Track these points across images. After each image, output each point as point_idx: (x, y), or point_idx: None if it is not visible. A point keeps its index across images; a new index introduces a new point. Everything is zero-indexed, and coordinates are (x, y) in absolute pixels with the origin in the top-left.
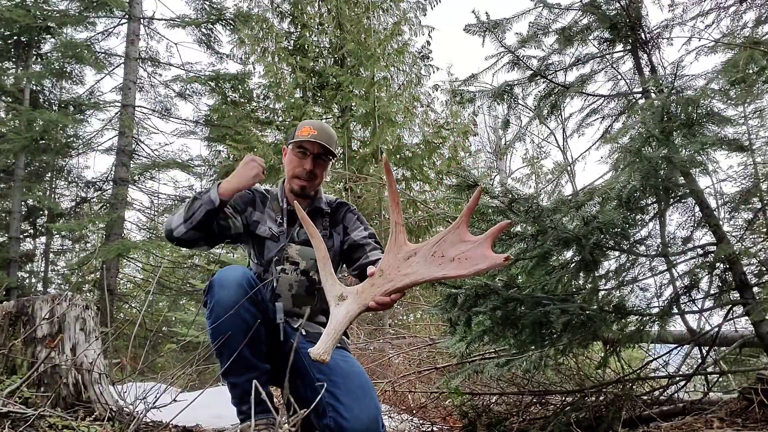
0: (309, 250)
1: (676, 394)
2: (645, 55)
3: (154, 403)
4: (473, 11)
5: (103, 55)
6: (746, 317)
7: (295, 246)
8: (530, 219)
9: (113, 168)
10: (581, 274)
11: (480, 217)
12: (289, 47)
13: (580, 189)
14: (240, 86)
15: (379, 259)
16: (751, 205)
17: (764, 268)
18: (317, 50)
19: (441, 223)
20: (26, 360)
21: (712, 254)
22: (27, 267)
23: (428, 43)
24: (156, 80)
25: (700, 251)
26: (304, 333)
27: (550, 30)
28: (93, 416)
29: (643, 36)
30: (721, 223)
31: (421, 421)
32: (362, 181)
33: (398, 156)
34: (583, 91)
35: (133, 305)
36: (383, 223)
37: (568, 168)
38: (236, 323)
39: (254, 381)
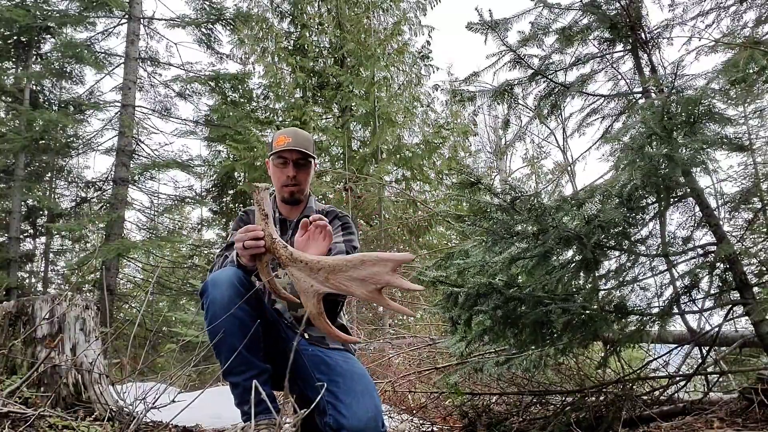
0: None
1: (676, 394)
2: (645, 55)
3: (153, 403)
4: (476, 9)
5: (103, 55)
6: (746, 317)
7: None
8: (532, 217)
9: (113, 168)
10: (582, 273)
11: (482, 215)
12: (289, 47)
13: (580, 189)
14: (240, 86)
15: None
16: (751, 205)
17: (764, 268)
18: (317, 50)
19: (441, 223)
20: (26, 360)
21: (713, 254)
22: (27, 267)
23: (428, 43)
24: (156, 80)
25: (700, 251)
26: (307, 336)
27: (551, 30)
28: (93, 416)
29: (643, 36)
30: (721, 223)
31: (421, 421)
32: (362, 181)
33: (398, 156)
34: (584, 90)
35: (133, 305)
36: (383, 223)
37: (569, 168)
38: (230, 320)
39: (254, 381)
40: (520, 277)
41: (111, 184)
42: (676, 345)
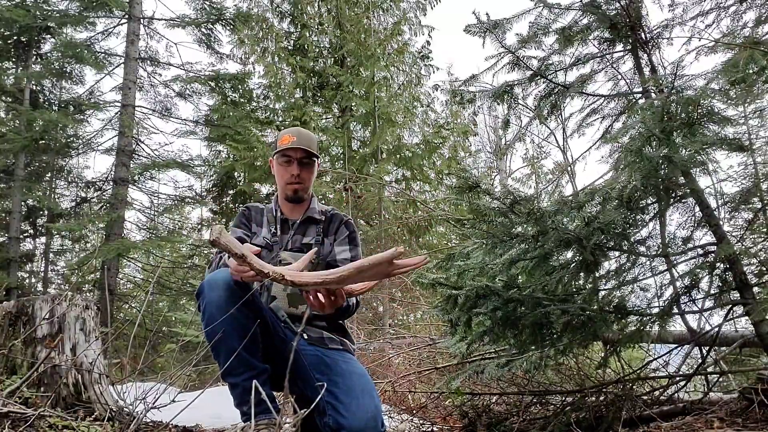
0: (302, 256)
1: (676, 394)
2: (645, 55)
3: (154, 403)
4: (473, 12)
5: (103, 55)
6: (746, 317)
7: (288, 252)
8: (532, 220)
9: (113, 168)
10: (581, 274)
11: (482, 218)
12: (289, 47)
13: (580, 189)
14: (240, 86)
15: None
16: (751, 205)
17: (764, 268)
18: (317, 50)
19: (441, 223)
20: (26, 360)
21: (712, 254)
22: (27, 267)
23: (428, 43)
24: (156, 80)
25: (700, 251)
26: (306, 337)
27: (550, 30)
28: (93, 416)
29: (643, 36)
30: (721, 223)
31: (421, 421)
32: (362, 181)
33: (398, 156)
34: (583, 91)
35: (133, 305)
36: (383, 223)
37: (569, 168)
38: (228, 321)
39: (254, 381)
40: (519, 278)
41: (111, 184)
42: (676, 345)
